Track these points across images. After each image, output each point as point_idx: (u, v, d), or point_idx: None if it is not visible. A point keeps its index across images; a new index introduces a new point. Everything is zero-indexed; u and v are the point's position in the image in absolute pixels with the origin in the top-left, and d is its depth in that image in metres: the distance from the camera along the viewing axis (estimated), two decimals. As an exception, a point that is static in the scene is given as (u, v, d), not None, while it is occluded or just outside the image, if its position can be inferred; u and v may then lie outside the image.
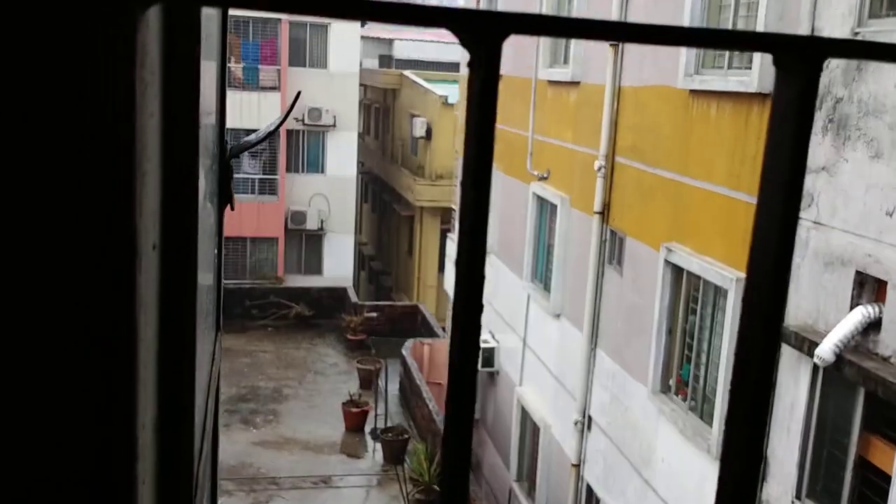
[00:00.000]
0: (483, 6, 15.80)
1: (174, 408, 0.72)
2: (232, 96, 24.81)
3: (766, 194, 0.52)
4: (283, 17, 25.51)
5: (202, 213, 1.14)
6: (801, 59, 0.48)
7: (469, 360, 0.48)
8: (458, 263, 0.48)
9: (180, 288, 0.70)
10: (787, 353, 7.05)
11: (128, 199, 0.40)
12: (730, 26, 8.25)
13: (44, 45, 0.39)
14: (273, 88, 25.76)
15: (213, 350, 1.47)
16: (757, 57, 7.49)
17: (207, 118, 1.36)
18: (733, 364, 0.53)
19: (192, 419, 0.83)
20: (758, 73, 7.45)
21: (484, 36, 0.44)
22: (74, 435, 0.46)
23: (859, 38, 6.36)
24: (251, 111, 25.10)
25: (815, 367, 6.65)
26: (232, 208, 1.51)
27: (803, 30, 6.91)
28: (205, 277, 1.27)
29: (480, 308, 0.47)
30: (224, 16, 1.39)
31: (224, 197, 1.48)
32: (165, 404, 0.69)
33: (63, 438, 0.45)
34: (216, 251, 1.48)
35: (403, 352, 19.62)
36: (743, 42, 0.52)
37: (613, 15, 10.28)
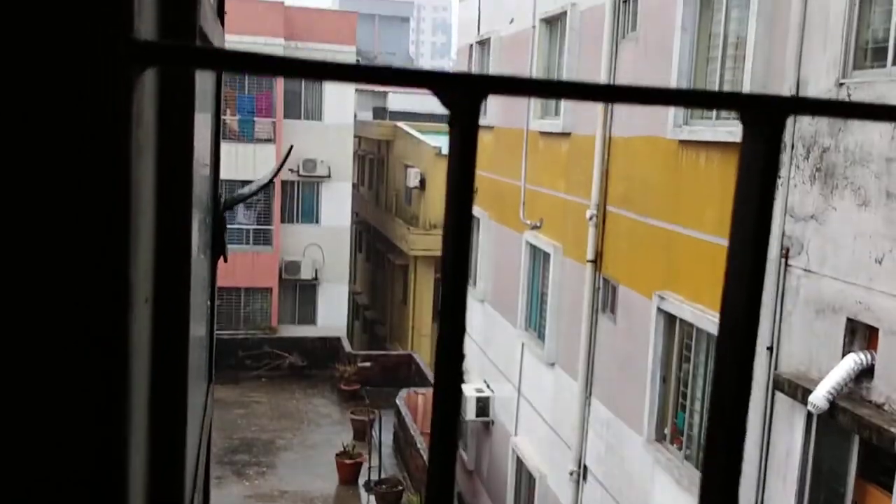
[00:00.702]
0: (476, 61, 16.05)
1: (165, 462, 0.73)
2: (227, 148, 25.08)
3: (735, 246, 0.54)
4: (279, 69, 25.82)
5: (195, 266, 1.17)
6: (765, 116, 0.51)
7: (451, 409, 0.50)
8: (441, 311, 0.51)
9: (172, 341, 0.72)
10: (780, 401, 7.04)
11: (121, 255, 0.42)
12: (717, 77, 8.41)
13: (41, 103, 0.42)
14: (268, 140, 25.97)
15: (205, 401, 1.48)
16: (744, 107, 7.61)
17: (202, 170, 1.39)
18: (709, 410, 0.55)
19: (182, 473, 0.84)
20: (745, 123, 7.56)
21: (462, 96, 0.47)
22: (65, 492, 0.47)
23: (844, 87, 6.48)
24: (246, 163, 25.27)
25: (810, 415, 6.63)
26: (225, 260, 1.54)
27: (789, 81, 7.04)
28: (197, 329, 1.29)
29: (462, 356, 0.50)
30: (219, 78, 1.44)
31: (217, 249, 1.51)
32: (156, 456, 0.70)
33: (54, 496, 0.46)
34: (209, 302, 1.50)
35: (398, 402, 19.47)
36: (709, 101, 0.55)
37: (603, 66, 10.46)
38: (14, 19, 0.42)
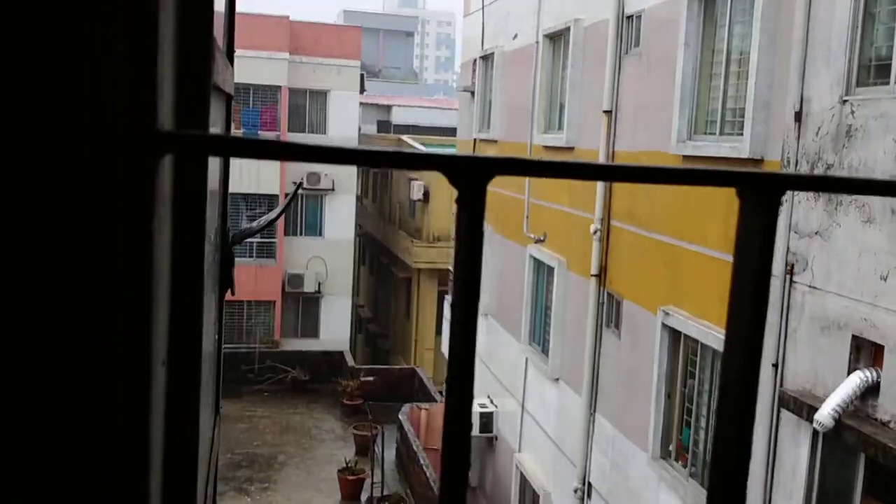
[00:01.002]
0: (480, 76, 16.11)
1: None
2: (232, 162, 25.12)
3: (735, 312, 0.55)
4: (284, 84, 25.96)
5: (205, 306, 1.17)
6: (762, 192, 0.52)
7: (462, 425, 0.50)
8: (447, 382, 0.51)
9: (184, 401, 0.73)
10: (786, 418, 7.02)
11: (144, 325, 0.44)
12: (720, 94, 8.42)
13: (70, 195, 0.43)
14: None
15: (212, 436, 1.49)
16: (748, 122, 7.63)
17: (212, 206, 1.40)
18: (714, 429, 0.56)
19: None
20: (749, 138, 7.58)
21: (471, 177, 0.48)
22: None
23: (847, 104, 6.49)
24: (251, 177, 25.35)
25: (815, 433, 6.61)
26: (233, 293, 1.54)
27: (792, 98, 7.06)
28: (206, 368, 1.30)
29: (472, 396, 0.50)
30: (227, 114, 1.45)
31: (225, 283, 1.52)
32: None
33: None
34: (216, 336, 1.51)
35: (400, 417, 19.43)
36: (707, 178, 0.56)
37: (606, 82, 10.49)
38: (49, 117, 0.44)
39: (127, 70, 0.45)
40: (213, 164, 1.35)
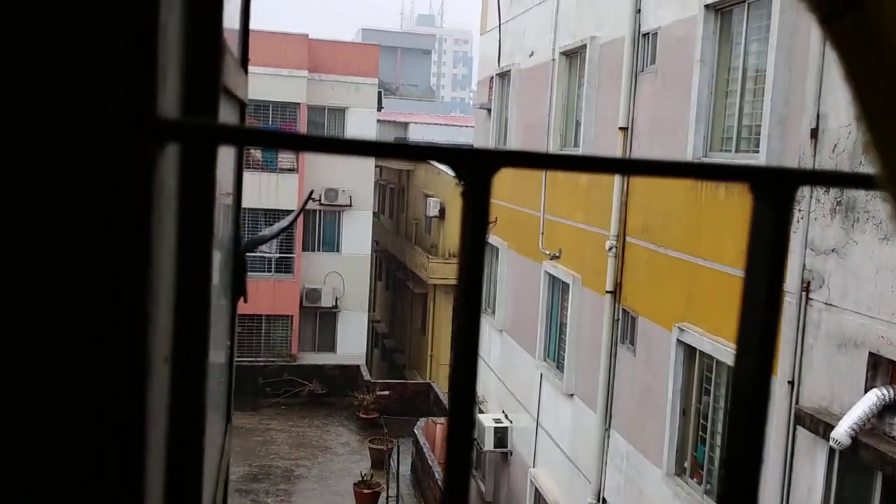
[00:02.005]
0: (497, 93, 16.16)
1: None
2: (251, 178, 25.18)
3: (746, 312, 0.55)
4: (302, 101, 26.15)
5: (215, 312, 1.20)
6: (775, 187, 0.53)
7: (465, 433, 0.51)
8: (451, 382, 0.52)
9: (190, 398, 0.76)
10: (802, 436, 6.96)
11: (141, 321, 0.45)
12: (736, 111, 8.42)
13: (68, 182, 0.45)
14: (291, 170, 26.23)
15: (223, 443, 1.51)
16: (764, 139, 7.63)
17: (225, 213, 1.43)
18: (726, 443, 0.57)
19: None
20: (765, 155, 7.57)
21: (477, 170, 0.49)
22: None
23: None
24: (269, 192, 25.50)
25: (832, 451, 6.55)
26: (245, 301, 1.57)
27: (809, 115, 7.05)
28: (216, 371, 1.32)
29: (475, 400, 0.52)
30: (242, 122, 1.49)
31: (238, 290, 1.55)
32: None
33: None
34: (229, 343, 1.54)
35: (416, 431, 19.39)
36: (721, 174, 0.56)
37: (622, 99, 10.51)
38: (46, 104, 0.45)
39: (125, 55, 0.46)
40: (226, 167, 1.38)
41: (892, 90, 0.45)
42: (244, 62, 1.54)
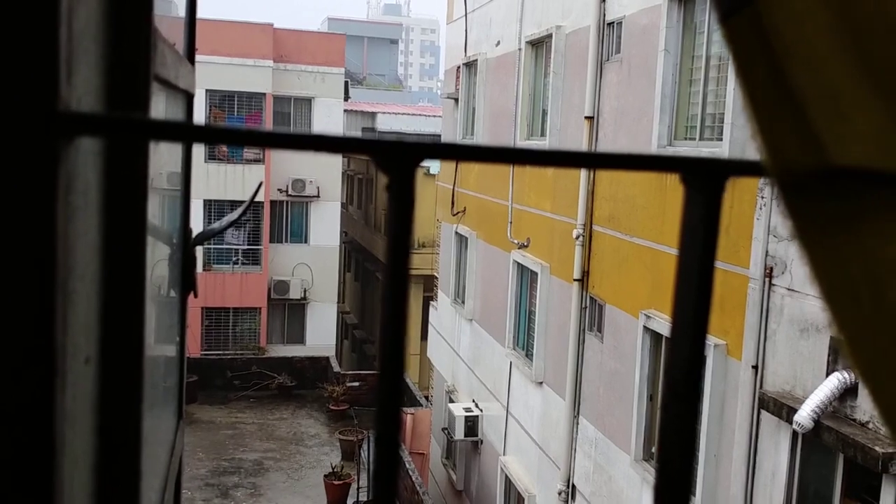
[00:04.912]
0: (464, 83, 16.15)
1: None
2: (216, 168, 24.93)
3: (679, 299, 0.55)
4: (268, 91, 25.93)
5: (161, 303, 1.17)
6: (706, 177, 0.53)
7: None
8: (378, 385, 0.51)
9: (122, 397, 0.73)
10: (766, 420, 7.06)
11: (46, 319, 0.43)
12: (700, 99, 8.49)
13: None
14: (257, 161, 26.01)
15: (174, 440, 1.49)
16: (727, 127, 7.70)
17: (172, 202, 1.40)
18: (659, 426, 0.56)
19: None
20: (728, 143, 7.64)
21: (399, 162, 0.48)
22: None
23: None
24: (235, 183, 25.28)
25: (795, 434, 6.65)
26: (195, 296, 1.55)
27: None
28: (162, 366, 1.30)
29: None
30: (189, 115, 1.46)
31: (187, 284, 1.52)
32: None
33: None
34: (178, 338, 1.51)
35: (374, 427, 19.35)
36: (652, 164, 0.56)
37: (588, 88, 10.55)
38: None
39: (20, 45, 0.43)
40: (173, 161, 1.35)
41: (781, 89, 0.45)
42: (191, 52, 1.51)
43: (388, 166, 0.49)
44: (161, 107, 1.07)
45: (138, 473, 0.76)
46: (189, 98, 1.45)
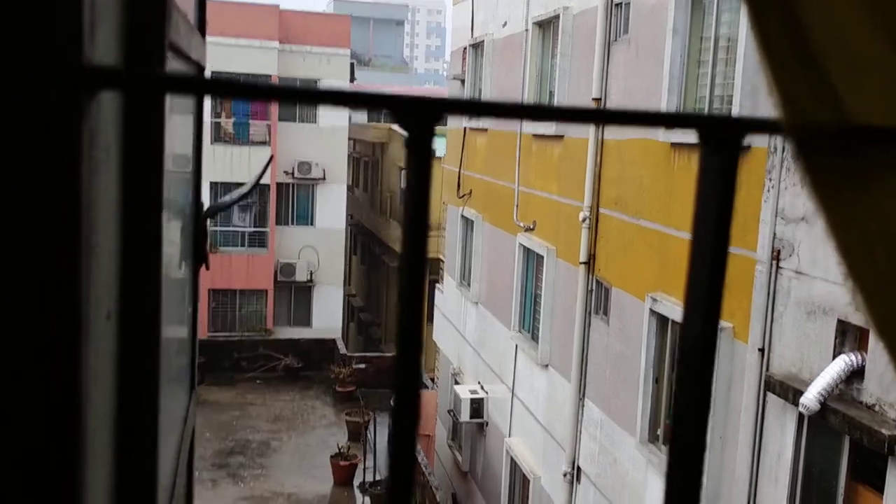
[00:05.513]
0: (470, 64, 16.08)
1: (134, 472, 0.74)
2: (223, 150, 24.90)
3: (695, 261, 0.55)
4: (274, 73, 25.86)
5: (174, 275, 1.18)
6: (723, 136, 0.53)
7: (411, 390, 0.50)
8: (398, 309, 0.52)
9: (141, 354, 0.74)
10: (772, 402, 7.07)
11: (71, 272, 0.44)
12: (708, 80, 8.44)
13: None
14: (263, 143, 25.98)
15: (186, 411, 1.50)
16: (736, 108, 7.65)
17: (182, 178, 1.41)
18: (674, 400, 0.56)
19: (154, 484, 0.84)
20: (736, 125, 7.59)
21: (418, 117, 0.48)
22: None
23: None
24: (241, 165, 25.26)
25: (801, 416, 6.66)
26: (207, 268, 1.55)
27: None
28: (175, 339, 1.30)
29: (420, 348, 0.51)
30: (200, 71, 1.46)
31: (199, 257, 1.52)
32: (124, 471, 0.71)
33: None
34: (191, 309, 1.52)
35: (392, 403, 19.45)
36: (669, 121, 0.56)
37: (595, 69, 10.49)
38: None
39: (46, 3, 0.43)
40: (185, 131, 1.35)
41: (797, 42, 0.44)
42: (201, 25, 1.50)
43: (408, 122, 0.48)
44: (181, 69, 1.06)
45: (156, 430, 0.76)
46: (200, 70, 1.45)
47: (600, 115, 0.54)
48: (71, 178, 0.43)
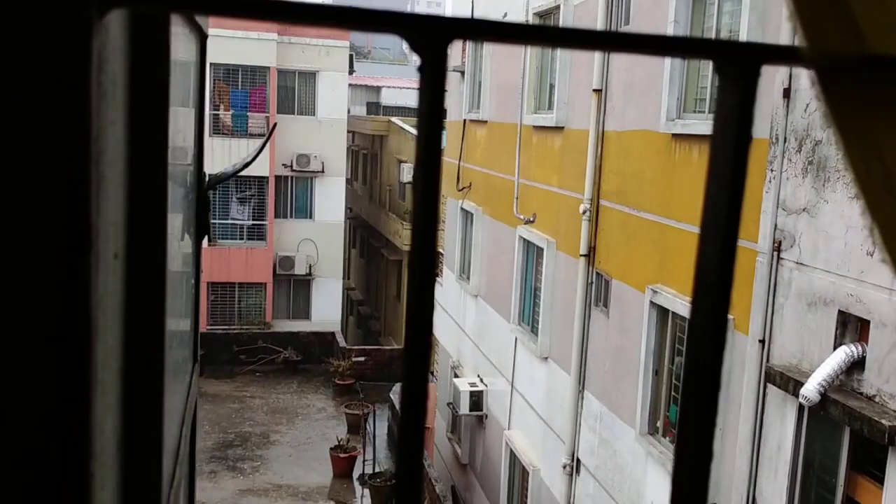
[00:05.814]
0: (469, 55, 16.03)
1: (140, 418, 0.73)
2: (221, 143, 24.87)
3: (710, 201, 0.53)
4: (272, 65, 25.80)
5: (178, 246, 1.16)
6: (740, 64, 0.51)
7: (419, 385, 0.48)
8: (409, 264, 0.49)
9: (147, 295, 0.72)
10: (772, 393, 7.06)
11: (82, 198, 0.42)
12: (709, 73, 8.41)
13: None
14: (262, 135, 25.92)
15: (189, 380, 1.48)
16: (736, 101, 7.62)
17: (185, 151, 1.39)
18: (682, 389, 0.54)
19: (160, 429, 0.83)
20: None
21: (431, 39, 0.46)
22: (20, 451, 0.45)
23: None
24: (240, 157, 25.16)
25: (801, 407, 6.66)
26: (210, 241, 1.53)
27: (781, 75, 7.06)
28: (179, 302, 1.29)
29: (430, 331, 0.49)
30: (202, 56, 1.44)
31: (202, 228, 1.51)
32: (131, 413, 0.70)
33: (8, 452, 0.45)
34: (193, 281, 1.51)
35: (392, 396, 19.50)
36: (683, 48, 0.54)
37: (596, 60, 10.46)
38: None
39: None
40: (187, 119, 1.33)
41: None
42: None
43: (421, 44, 0.46)
44: (181, 43, 1.04)
45: (162, 371, 0.75)
46: (203, 38, 1.43)
47: (617, 40, 0.51)
48: (81, 96, 0.41)
